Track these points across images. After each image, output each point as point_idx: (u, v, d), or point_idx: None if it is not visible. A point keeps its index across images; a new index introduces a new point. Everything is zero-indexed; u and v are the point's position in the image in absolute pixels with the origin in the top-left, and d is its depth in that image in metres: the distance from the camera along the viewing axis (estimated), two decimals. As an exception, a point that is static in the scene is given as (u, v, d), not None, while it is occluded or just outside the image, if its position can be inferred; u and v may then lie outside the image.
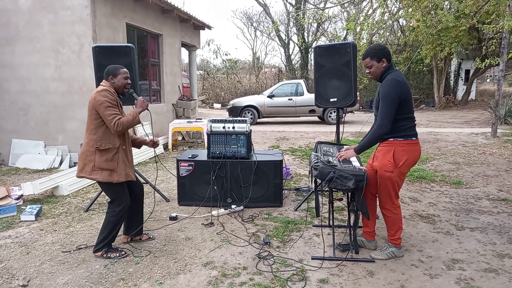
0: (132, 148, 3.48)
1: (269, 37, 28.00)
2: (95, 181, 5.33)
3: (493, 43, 8.38)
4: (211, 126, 4.44)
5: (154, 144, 3.58)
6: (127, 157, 3.25)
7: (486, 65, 8.11)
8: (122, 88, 3.23)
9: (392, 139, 3.00)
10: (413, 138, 3.02)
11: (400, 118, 2.96)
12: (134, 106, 3.34)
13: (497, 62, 8.13)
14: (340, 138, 4.56)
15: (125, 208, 3.21)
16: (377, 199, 3.21)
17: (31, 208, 4.26)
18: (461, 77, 20.71)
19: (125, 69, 3.26)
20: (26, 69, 6.94)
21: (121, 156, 3.17)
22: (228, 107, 14.09)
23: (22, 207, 4.48)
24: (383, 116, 2.94)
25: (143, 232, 3.62)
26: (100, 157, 3.08)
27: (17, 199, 4.60)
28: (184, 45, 11.40)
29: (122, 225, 3.44)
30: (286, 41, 24.72)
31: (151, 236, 3.61)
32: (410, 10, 7.57)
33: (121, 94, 3.26)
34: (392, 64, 3.11)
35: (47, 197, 4.97)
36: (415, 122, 3.08)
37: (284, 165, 4.73)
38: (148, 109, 3.32)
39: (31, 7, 6.76)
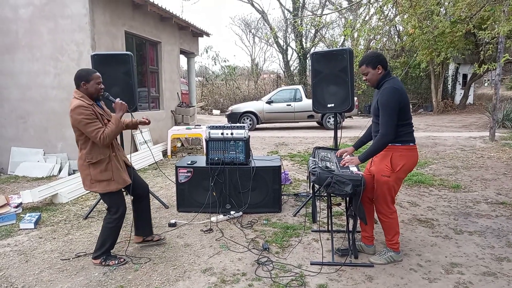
0: (132, 152, 3.48)
1: (268, 44, 28.20)
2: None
3: (490, 48, 8.44)
4: (209, 132, 4.46)
5: (146, 123, 3.48)
6: (119, 163, 3.22)
7: (484, 70, 8.19)
8: (97, 93, 3.09)
9: (390, 144, 3.02)
10: (411, 144, 3.04)
11: (399, 124, 2.98)
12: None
13: (494, 67, 8.18)
14: (338, 143, 4.59)
15: (121, 215, 3.21)
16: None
17: (30, 216, 4.26)
18: (459, 82, 20.82)
19: (97, 74, 3.10)
20: (26, 77, 6.98)
21: (114, 164, 3.14)
22: (227, 113, 14.13)
23: (21, 215, 4.48)
24: (386, 126, 2.94)
25: (154, 233, 3.63)
26: (94, 170, 3.07)
27: (16, 207, 4.60)
28: (182, 52, 11.46)
29: (133, 226, 3.48)
30: (284, 47, 24.84)
31: (162, 237, 3.61)
32: (406, 16, 7.64)
33: (96, 100, 3.13)
34: (390, 71, 3.14)
35: (46, 205, 4.97)
36: (413, 128, 3.11)
37: (282, 171, 4.74)
38: (128, 111, 3.22)
39: (31, 15, 6.82)
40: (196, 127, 8.88)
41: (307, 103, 12.70)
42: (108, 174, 3.09)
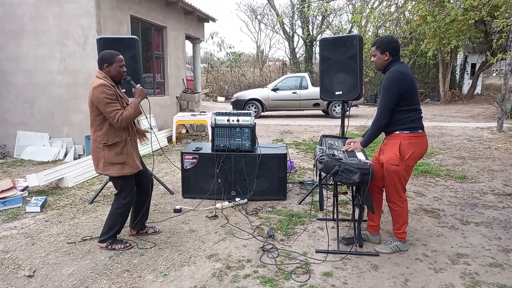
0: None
1: (274, 30, 27.82)
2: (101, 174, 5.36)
3: (503, 36, 8.25)
4: (215, 119, 4.42)
5: (143, 135, 3.48)
6: (134, 148, 3.22)
7: (499, 59, 8.01)
8: (119, 77, 3.11)
9: (398, 132, 2.98)
10: (419, 131, 2.99)
11: (405, 110, 2.94)
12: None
13: (509, 55, 8.03)
14: (345, 132, 4.54)
15: (131, 201, 3.22)
16: (384, 192, 3.19)
17: (36, 200, 4.29)
18: (467, 71, 20.54)
19: (121, 56, 3.10)
20: (32, 62, 6.95)
21: (129, 148, 3.13)
22: (232, 100, 14.06)
23: (28, 198, 4.51)
24: (380, 109, 2.96)
25: (149, 225, 3.63)
26: (109, 152, 3.04)
27: (22, 190, 4.64)
28: (188, 37, 11.35)
29: (129, 218, 3.45)
30: (291, 34, 24.55)
31: (157, 230, 3.59)
32: (414, 3, 7.47)
33: (117, 83, 3.14)
34: (399, 58, 3.07)
35: (52, 189, 5.00)
36: (421, 115, 3.05)
37: (288, 159, 4.72)
38: (147, 98, 3.22)
39: (37, 0, 6.75)
40: (201, 113, 8.85)
41: (313, 91, 12.60)
42: (123, 158, 3.08)
